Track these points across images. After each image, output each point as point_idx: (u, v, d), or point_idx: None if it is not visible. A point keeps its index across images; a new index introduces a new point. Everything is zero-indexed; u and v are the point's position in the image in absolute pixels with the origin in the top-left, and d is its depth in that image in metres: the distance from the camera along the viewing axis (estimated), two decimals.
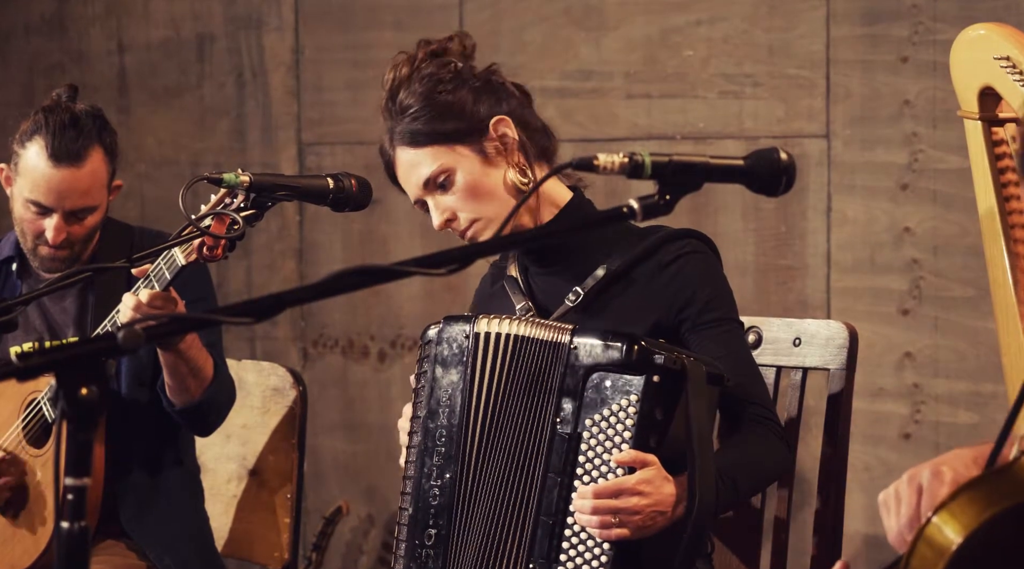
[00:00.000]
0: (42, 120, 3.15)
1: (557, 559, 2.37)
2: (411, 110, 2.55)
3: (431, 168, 2.56)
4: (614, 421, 2.37)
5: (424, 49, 2.60)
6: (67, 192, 3.11)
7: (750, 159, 1.93)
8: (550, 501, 2.39)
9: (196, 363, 3.09)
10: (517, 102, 2.61)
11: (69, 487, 1.62)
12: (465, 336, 2.50)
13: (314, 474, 4.47)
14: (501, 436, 2.47)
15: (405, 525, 2.51)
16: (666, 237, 2.57)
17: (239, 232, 2.51)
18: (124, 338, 1.62)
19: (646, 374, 2.34)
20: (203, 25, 4.66)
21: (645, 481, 2.33)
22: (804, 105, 3.93)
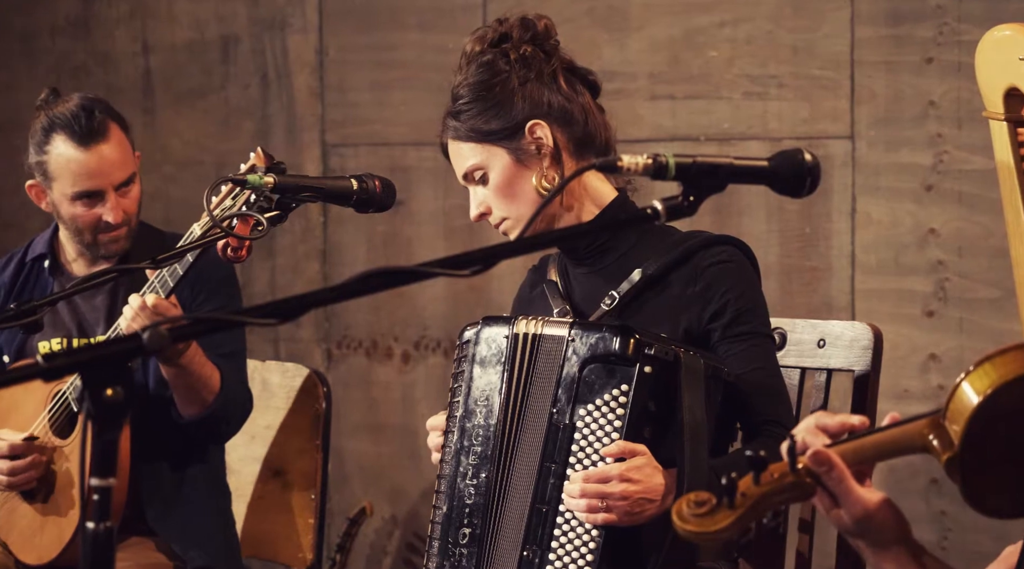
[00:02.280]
0: (49, 119, 3.21)
1: (548, 545, 2.40)
2: (460, 101, 2.61)
3: (468, 163, 2.62)
4: (606, 410, 2.40)
5: (496, 30, 2.63)
6: (108, 168, 3.18)
7: (774, 160, 1.93)
8: (544, 489, 2.42)
9: (199, 376, 3.10)
10: (566, 97, 2.60)
11: (94, 487, 1.62)
12: (504, 337, 2.52)
13: (338, 475, 4.47)
14: (526, 434, 2.48)
15: (439, 524, 2.52)
16: (703, 242, 2.57)
17: (263, 233, 2.51)
18: (150, 339, 1.62)
19: (639, 365, 2.36)
20: (227, 26, 4.67)
21: (634, 468, 2.36)
22: (828, 106, 3.92)
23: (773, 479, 1.78)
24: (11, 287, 3.37)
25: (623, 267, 2.58)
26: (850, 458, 1.80)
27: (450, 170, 4.34)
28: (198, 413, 3.16)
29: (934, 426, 1.79)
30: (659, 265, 2.55)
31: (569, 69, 2.65)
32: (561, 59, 2.64)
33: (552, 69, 2.61)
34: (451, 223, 4.38)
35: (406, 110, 4.44)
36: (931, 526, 3.82)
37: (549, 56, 2.62)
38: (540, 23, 2.63)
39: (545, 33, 2.63)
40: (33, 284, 3.36)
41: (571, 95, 2.61)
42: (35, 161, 3.24)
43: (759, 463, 1.77)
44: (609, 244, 2.61)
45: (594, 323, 2.47)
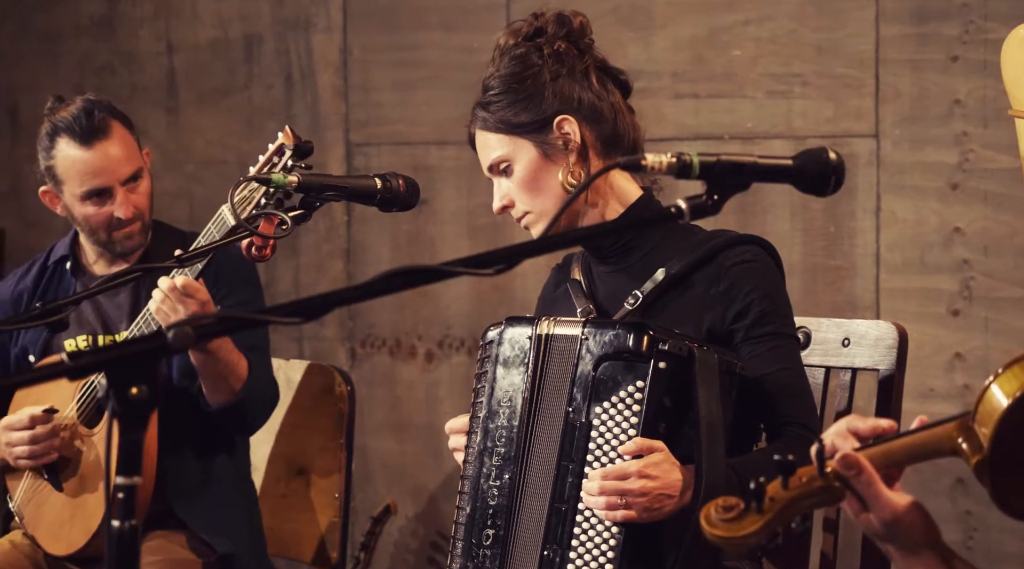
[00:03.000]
0: (52, 124, 3.27)
1: (569, 544, 2.40)
2: (490, 91, 2.61)
3: (494, 154, 2.61)
4: (622, 408, 2.39)
5: (531, 24, 2.63)
6: (113, 164, 3.22)
7: (799, 159, 1.93)
8: (562, 488, 2.42)
9: (227, 364, 3.13)
10: (596, 95, 2.60)
11: (120, 486, 1.63)
12: (528, 338, 2.52)
13: (362, 474, 4.48)
14: (543, 435, 2.48)
15: (462, 524, 2.52)
16: (727, 242, 2.56)
17: (287, 232, 2.52)
18: (174, 337, 1.62)
19: (653, 361, 2.36)
20: (251, 26, 4.68)
21: (652, 465, 2.35)
22: (853, 105, 3.91)
23: (801, 483, 1.77)
24: (34, 290, 3.40)
25: (647, 266, 2.58)
26: (879, 462, 1.80)
27: (474, 169, 4.36)
28: (226, 401, 3.18)
29: (963, 429, 1.78)
30: (683, 264, 2.55)
31: (602, 67, 2.64)
32: (594, 57, 2.64)
33: (584, 66, 2.61)
34: (475, 222, 4.38)
35: (429, 109, 4.45)
36: (957, 526, 3.81)
37: (582, 53, 2.62)
38: (576, 20, 2.63)
39: (580, 30, 2.63)
40: (56, 286, 3.39)
41: (602, 93, 2.61)
42: (44, 166, 3.29)
43: (787, 467, 1.77)
44: (633, 243, 2.61)
45: (607, 321, 2.47)
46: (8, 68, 5.02)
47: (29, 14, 4.98)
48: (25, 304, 3.37)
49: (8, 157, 5.02)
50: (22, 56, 4.99)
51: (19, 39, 5.00)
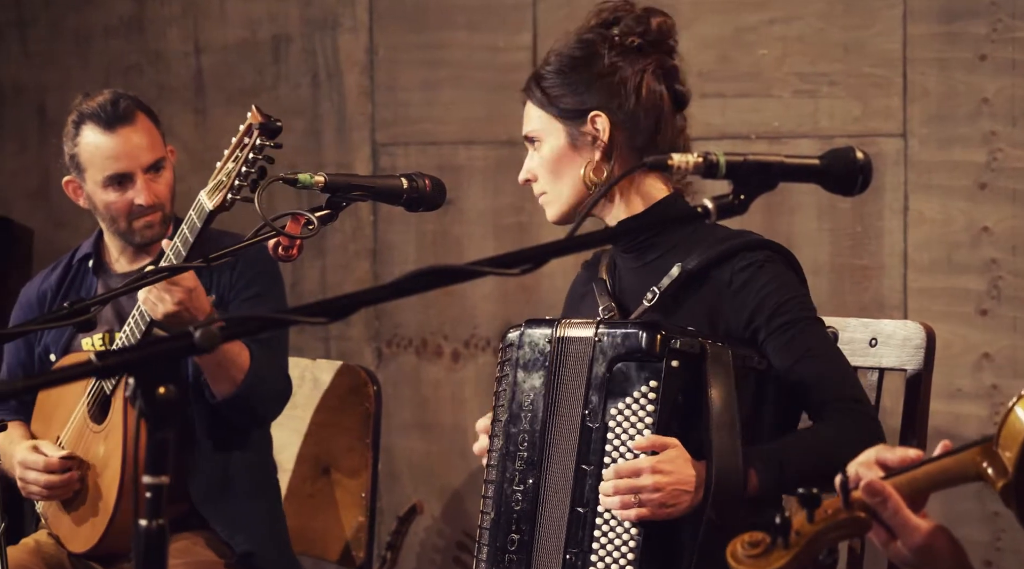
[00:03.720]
0: (79, 114, 3.29)
1: (590, 548, 2.40)
2: (547, 66, 2.62)
3: (529, 126, 2.64)
4: (636, 408, 2.40)
5: (613, 11, 2.62)
6: (135, 149, 3.24)
7: (826, 158, 1.92)
8: (581, 492, 2.42)
9: (226, 354, 3.13)
10: (642, 103, 2.58)
11: (147, 485, 1.63)
12: (547, 340, 2.52)
13: (388, 473, 4.48)
14: (561, 438, 2.48)
15: (487, 529, 2.52)
16: (743, 245, 2.56)
17: (314, 232, 2.53)
18: (201, 337, 1.63)
19: (665, 360, 2.36)
20: (279, 26, 4.69)
21: (665, 461, 2.35)
22: (880, 104, 3.90)
23: (827, 516, 1.76)
24: (57, 289, 3.42)
25: (669, 263, 2.57)
26: (904, 489, 1.78)
27: (500, 169, 4.37)
28: (229, 392, 3.18)
29: (987, 454, 1.77)
30: (699, 261, 2.54)
31: (662, 74, 2.61)
32: (660, 62, 2.61)
33: (642, 69, 2.58)
34: (501, 222, 4.38)
35: (456, 109, 4.45)
36: (984, 527, 3.79)
37: (647, 55, 2.60)
38: (655, 21, 2.62)
39: (658, 31, 2.62)
40: (79, 284, 3.41)
41: (648, 102, 2.59)
42: (68, 155, 3.31)
43: (812, 500, 1.76)
44: (656, 240, 2.60)
45: (620, 321, 2.47)
46: (38, 68, 5.04)
47: (59, 14, 5.00)
48: (48, 303, 3.39)
49: (37, 157, 5.04)
50: (52, 56, 5.01)
51: (49, 39, 5.02)
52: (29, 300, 3.46)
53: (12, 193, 5.08)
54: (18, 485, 3.24)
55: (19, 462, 3.20)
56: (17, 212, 5.04)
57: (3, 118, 5.10)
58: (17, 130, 5.08)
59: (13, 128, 5.09)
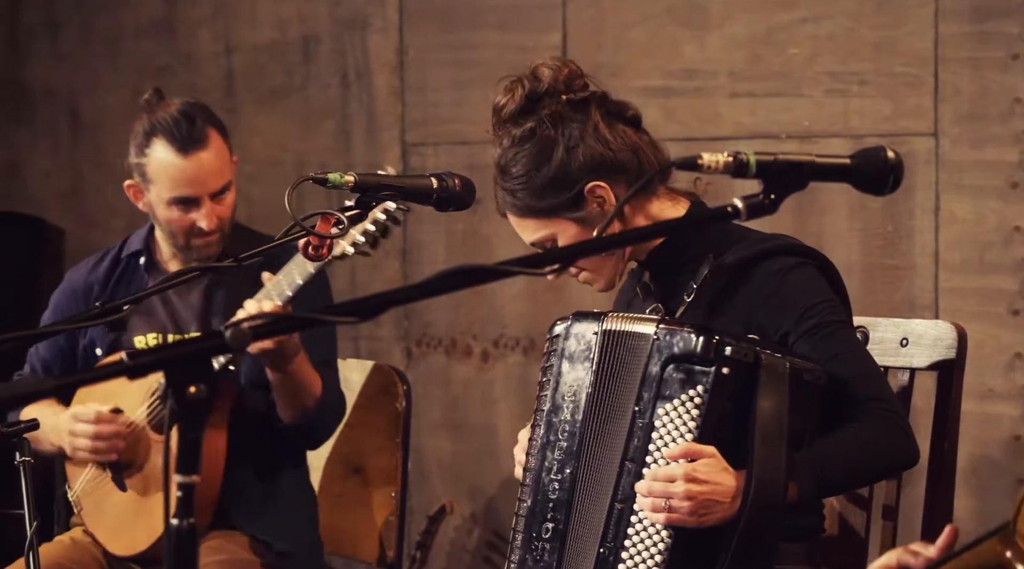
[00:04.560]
0: (151, 123, 3.26)
1: (623, 544, 2.41)
2: (512, 180, 2.62)
3: (533, 236, 2.66)
4: (682, 411, 2.39)
5: (523, 92, 2.62)
6: (205, 176, 3.23)
7: (857, 158, 1.92)
8: (621, 487, 2.43)
9: (302, 382, 3.16)
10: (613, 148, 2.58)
11: (179, 484, 1.64)
12: (594, 333, 2.53)
13: (418, 473, 4.49)
14: (609, 431, 2.48)
15: (523, 517, 2.54)
16: (778, 248, 2.56)
17: (343, 231, 2.53)
18: (232, 336, 1.63)
19: (716, 366, 2.35)
20: (309, 27, 4.70)
21: (702, 470, 2.34)
22: (912, 103, 3.89)
23: None
24: (106, 282, 3.40)
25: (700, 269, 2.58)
26: None
27: None
28: (298, 418, 3.22)
29: (1007, 543, 1.78)
30: (733, 259, 2.54)
31: (607, 113, 2.61)
32: (597, 103, 2.61)
33: (593, 123, 2.59)
34: None
35: (486, 109, 4.40)
36: None
37: (585, 105, 2.60)
38: (560, 75, 2.61)
39: (566, 82, 2.61)
40: (129, 280, 3.40)
41: (616, 143, 2.59)
42: (134, 162, 3.29)
43: None
44: (687, 253, 2.61)
45: (677, 321, 2.46)
46: (69, 70, 5.06)
47: (90, 16, 5.03)
48: (95, 296, 3.37)
49: (69, 158, 5.07)
50: (83, 58, 5.04)
51: (80, 41, 5.04)
52: (75, 288, 3.43)
53: (44, 194, 5.11)
54: (65, 444, 3.22)
55: (71, 414, 3.19)
56: (49, 213, 5.07)
57: (35, 119, 5.12)
58: (49, 131, 5.10)
59: (45, 129, 5.11)
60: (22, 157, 5.13)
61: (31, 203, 5.10)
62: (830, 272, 2.59)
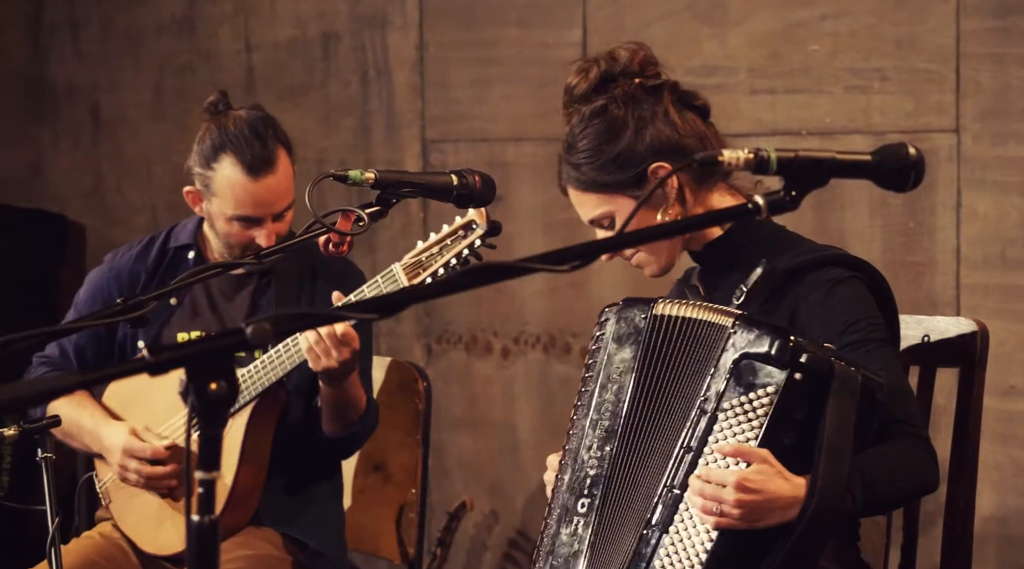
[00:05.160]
0: (221, 137, 3.22)
1: (667, 529, 2.40)
2: (579, 153, 2.63)
3: (593, 212, 2.65)
4: (748, 409, 2.37)
5: (598, 70, 2.63)
6: (271, 199, 3.21)
7: (878, 154, 1.91)
8: (676, 473, 2.41)
9: (352, 398, 3.18)
10: (681, 133, 2.60)
11: (200, 481, 1.64)
12: (643, 317, 2.54)
13: (438, 470, 4.49)
14: (661, 413, 2.48)
15: (560, 491, 2.54)
16: (829, 259, 2.57)
17: (364, 228, 2.54)
18: (253, 333, 1.64)
19: (789, 370, 2.34)
20: (329, 24, 4.71)
21: (754, 478, 2.32)
22: (933, 99, 3.87)
23: None
24: (154, 272, 3.38)
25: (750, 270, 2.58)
26: None
27: (550, 165, 4.35)
28: (340, 431, 3.24)
29: None
30: (788, 264, 2.55)
31: (678, 99, 2.64)
32: (669, 89, 2.64)
33: (664, 106, 2.61)
34: (550, 218, 4.38)
35: (506, 106, 4.45)
36: None
37: (657, 90, 2.63)
38: (636, 57, 2.63)
39: (640, 65, 2.63)
40: (176, 272, 3.35)
41: (684, 129, 2.61)
42: (198, 172, 3.25)
43: None
44: (741, 253, 2.61)
45: (756, 319, 2.44)
46: (90, 67, 5.08)
47: (111, 14, 5.04)
48: (142, 285, 3.35)
49: (90, 155, 5.09)
50: (104, 56, 5.05)
51: (101, 39, 5.06)
52: (118, 273, 3.40)
53: (66, 191, 5.12)
54: (112, 468, 3.23)
55: (124, 449, 3.18)
56: (71, 210, 5.08)
57: (57, 117, 5.14)
58: (71, 129, 5.12)
59: (67, 127, 5.13)
60: (44, 155, 5.15)
61: (53, 200, 5.12)
62: (880, 287, 2.58)
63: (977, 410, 2.70)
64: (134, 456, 3.19)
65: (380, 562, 3.64)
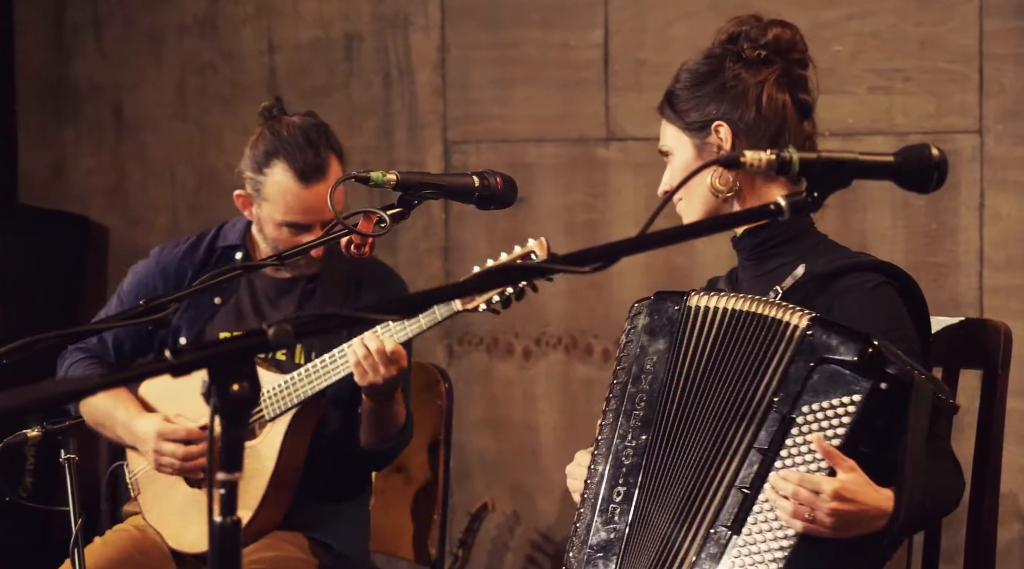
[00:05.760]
0: (274, 143, 3.24)
1: (740, 530, 2.37)
2: (677, 84, 2.69)
3: (663, 141, 2.71)
4: (831, 414, 2.34)
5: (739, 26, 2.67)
6: (322, 206, 3.21)
7: (900, 155, 1.91)
8: (748, 473, 2.38)
9: (393, 413, 3.20)
10: (763, 112, 2.61)
11: (221, 481, 1.64)
12: (677, 309, 2.54)
13: (459, 471, 4.49)
14: (705, 404, 2.46)
15: (594, 482, 2.54)
16: (864, 264, 2.56)
17: (386, 230, 2.54)
18: (275, 335, 1.64)
19: (874, 379, 2.31)
20: (351, 25, 4.71)
21: (851, 488, 2.29)
22: (956, 100, 3.86)
23: None
24: (200, 269, 3.38)
25: (789, 273, 2.57)
26: None
27: (571, 167, 4.37)
28: (377, 445, 3.25)
29: None
30: (825, 268, 2.54)
31: (785, 81, 2.64)
32: (784, 71, 2.63)
33: (762, 79, 2.62)
34: (572, 220, 4.38)
35: (528, 107, 4.45)
36: None
37: (770, 64, 2.63)
38: (772, 32, 2.65)
39: (775, 42, 2.65)
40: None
41: (769, 111, 2.61)
42: (250, 176, 3.26)
43: None
44: (776, 250, 2.61)
45: (835, 323, 2.41)
46: (113, 67, 5.09)
47: (133, 14, 5.05)
48: (188, 281, 3.35)
49: (113, 155, 5.10)
50: (127, 55, 5.06)
51: (124, 39, 5.07)
52: (165, 267, 3.41)
53: (88, 192, 5.14)
54: (147, 457, 3.24)
55: (157, 433, 3.19)
56: (93, 210, 5.10)
57: (80, 117, 5.15)
58: (93, 129, 5.13)
59: (89, 127, 5.14)
60: (67, 155, 5.17)
61: (75, 201, 5.13)
62: (914, 295, 2.57)
63: (1001, 412, 2.69)
64: (168, 438, 3.19)
65: (401, 563, 3.64)
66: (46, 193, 5.16)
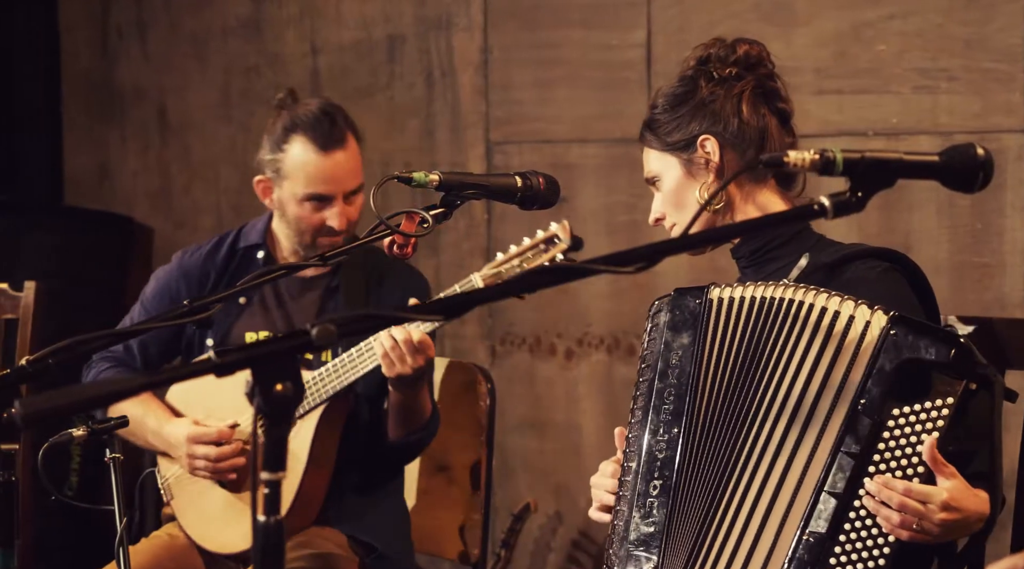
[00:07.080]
0: (291, 120, 3.29)
1: (834, 537, 2.34)
2: (654, 110, 2.70)
3: (648, 169, 2.71)
4: (924, 418, 2.31)
5: (706, 49, 2.69)
6: (342, 175, 3.27)
7: (945, 155, 1.90)
8: (837, 479, 2.34)
9: (420, 405, 3.21)
10: (744, 120, 2.63)
11: (265, 481, 1.65)
12: (697, 302, 2.54)
13: (502, 471, 4.50)
14: (740, 395, 2.45)
15: (628, 479, 2.54)
16: (868, 252, 2.55)
17: (428, 230, 2.54)
18: (318, 334, 1.65)
19: (966, 379, 2.29)
20: (394, 26, 4.72)
21: (958, 497, 2.28)
22: (1002, 99, 3.84)
23: None
24: (223, 271, 3.42)
25: (789, 268, 2.57)
26: None
27: (613, 167, 4.36)
28: (405, 437, 3.26)
29: None
30: (830, 257, 2.54)
31: (760, 92, 2.66)
32: (756, 84, 2.66)
33: (740, 91, 2.64)
34: (614, 220, 4.37)
35: (570, 107, 4.45)
36: None
37: (743, 79, 2.66)
38: (741, 49, 2.67)
39: (745, 58, 2.67)
40: (246, 272, 3.37)
41: (751, 119, 2.64)
42: (268, 158, 3.31)
43: None
44: (775, 253, 2.60)
45: (920, 323, 2.38)
46: (158, 70, 5.12)
47: (177, 17, 5.08)
48: (211, 284, 3.38)
49: (158, 157, 5.13)
50: (171, 58, 5.09)
51: (168, 42, 5.10)
52: (187, 272, 3.43)
53: (133, 193, 5.17)
54: (180, 462, 3.26)
55: (188, 437, 3.21)
56: (138, 212, 5.13)
57: (125, 119, 5.19)
58: (139, 131, 5.16)
59: (134, 129, 5.17)
60: (112, 157, 5.20)
61: (121, 202, 5.16)
62: (917, 278, 2.57)
63: None
64: (200, 441, 3.21)
65: (444, 563, 3.65)
66: (91, 195, 5.20)
